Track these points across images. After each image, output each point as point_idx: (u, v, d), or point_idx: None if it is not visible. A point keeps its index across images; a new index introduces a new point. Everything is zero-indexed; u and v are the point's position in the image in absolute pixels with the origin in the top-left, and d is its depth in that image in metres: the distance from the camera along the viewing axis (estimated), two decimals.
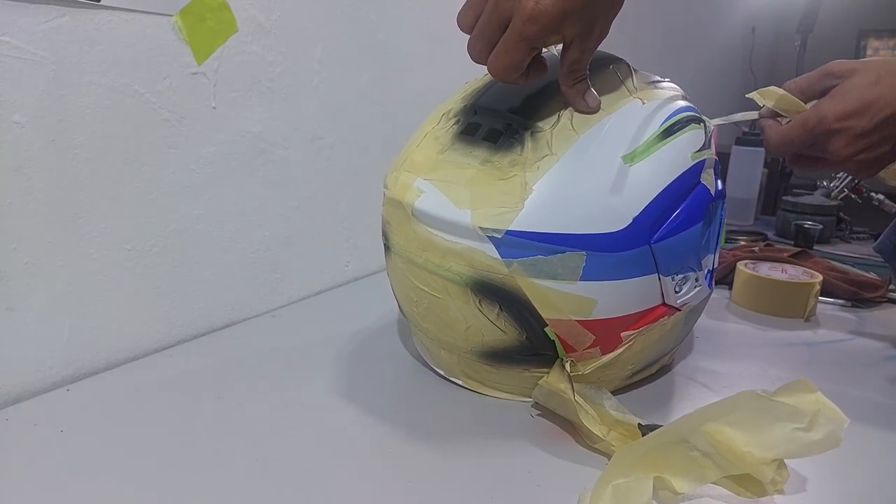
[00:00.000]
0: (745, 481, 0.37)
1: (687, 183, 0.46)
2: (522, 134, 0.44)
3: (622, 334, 0.46)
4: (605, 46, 0.47)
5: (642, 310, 0.46)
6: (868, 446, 0.45)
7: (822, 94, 0.53)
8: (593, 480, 0.37)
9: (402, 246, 0.48)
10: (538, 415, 0.48)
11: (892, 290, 0.81)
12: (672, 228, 0.45)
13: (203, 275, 0.64)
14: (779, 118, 0.55)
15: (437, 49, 0.94)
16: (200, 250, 0.63)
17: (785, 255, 0.86)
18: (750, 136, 1.40)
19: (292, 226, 0.74)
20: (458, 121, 0.48)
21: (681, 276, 0.47)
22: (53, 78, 0.48)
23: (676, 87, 0.52)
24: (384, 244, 0.52)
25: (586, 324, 0.45)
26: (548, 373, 0.48)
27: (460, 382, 0.52)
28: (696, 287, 0.49)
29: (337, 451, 0.43)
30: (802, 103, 0.53)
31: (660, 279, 0.46)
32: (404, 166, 0.48)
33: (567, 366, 0.46)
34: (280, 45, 0.67)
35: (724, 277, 0.83)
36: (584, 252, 0.42)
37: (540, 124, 0.44)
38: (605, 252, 0.43)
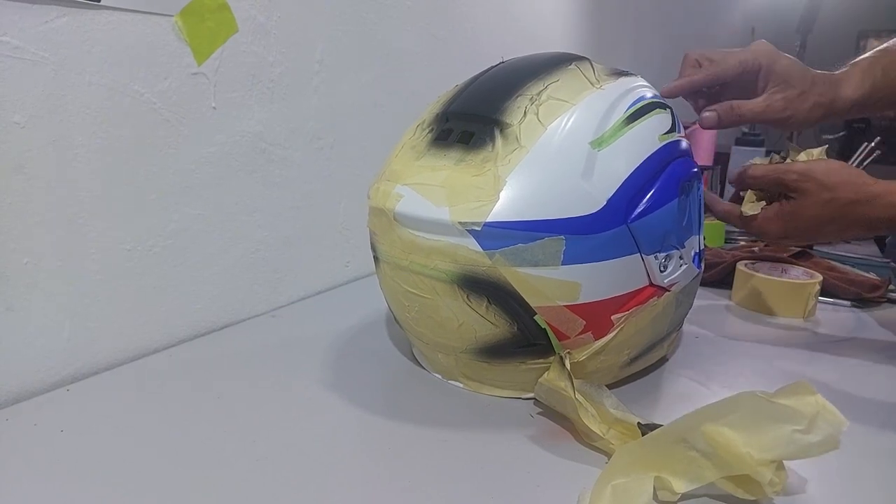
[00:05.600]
0: (744, 482, 0.37)
1: (658, 163, 0.47)
2: (493, 132, 0.46)
3: (613, 317, 0.47)
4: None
5: (630, 291, 0.47)
6: (868, 447, 0.45)
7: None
8: (593, 480, 0.37)
9: (389, 252, 0.49)
10: (538, 413, 0.48)
11: (892, 290, 0.81)
12: (647, 207, 0.46)
13: (203, 275, 0.64)
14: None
15: (437, 49, 0.94)
16: (200, 250, 0.63)
17: (785, 255, 0.86)
18: (750, 136, 1.40)
19: (292, 226, 0.74)
20: (432, 129, 0.49)
21: (664, 254, 0.48)
22: (53, 78, 0.48)
23: (639, 77, 0.53)
24: (373, 256, 0.53)
25: (575, 308, 0.45)
26: (544, 363, 0.48)
27: (460, 385, 0.53)
28: (682, 266, 0.50)
29: (337, 451, 0.43)
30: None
31: (643, 258, 0.46)
32: (384, 177, 0.50)
33: (567, 363, 0.46)
34: (280, 45, 0.67)
35: (724, 277, 0.83)
36: (562, 236, 0.43)
37: (508, 121, 0.46)
38: (583, 235, 0.44)
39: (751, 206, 0.59)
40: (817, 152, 0.60)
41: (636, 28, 1.87)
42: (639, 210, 0.45)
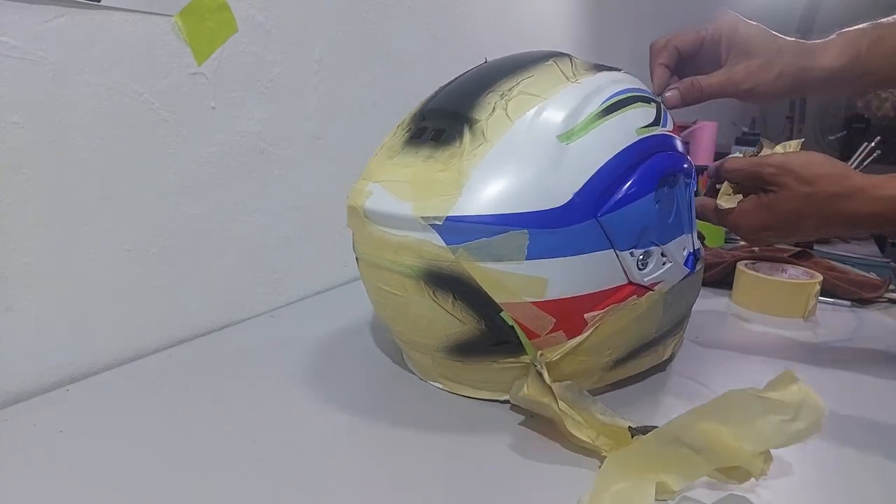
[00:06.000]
0: (731, 469, 0.38)
1: (633, 157, 0.46)
2: (462, 128, 0.45)
3: (586, 316, 0.46)
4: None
5: (606, 289, 0.46)
6: (868, 448, 0.45)
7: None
8: (590, 481, 0.37)
9: (363, 250, 0.49)
10: (524, 421, 0.47)
11: (892, 290, 0.81)
12: (619, 201, 0.44)
13: (203, 275, 0.64)
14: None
15: (437, 49, 0.94)
16: (200, 250, 0.63)
17: (785, 255, 0.86)
18: (750, 135, 1.40)
19: (292, 226, 0.74)
20: (410, 128, 0.49)
21: (641, 251, 0.46)
22: (53, 78, 0.48)
23: (624, 72, 0.52)
24: (355, 256, 0.53)
25: (543, 305, 0.44)
26: (516, 363, 0.47)
27: (440, 386, 0.52)
28: (665, 264, 0.48)
29: (336, 452, 0.43)
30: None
31: (617, 255, 0.45)
32: (361, 176, 0.50)
33: (546, 377, 0.44)
34: (280, 45, 0.67)
35: (724, 277, 0.83)
36: (525, 230, 0.42)
37: (477, 117, 0.45)
38: (548, 228, 0.43)
39: (727, 200, 0.56)
40: (793, 144, 0.57)
41: (636, 28, 1.87)
42: (609, 204, 0.44)
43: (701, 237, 0.68)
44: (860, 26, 0.55)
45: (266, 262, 0.71)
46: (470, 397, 0.51)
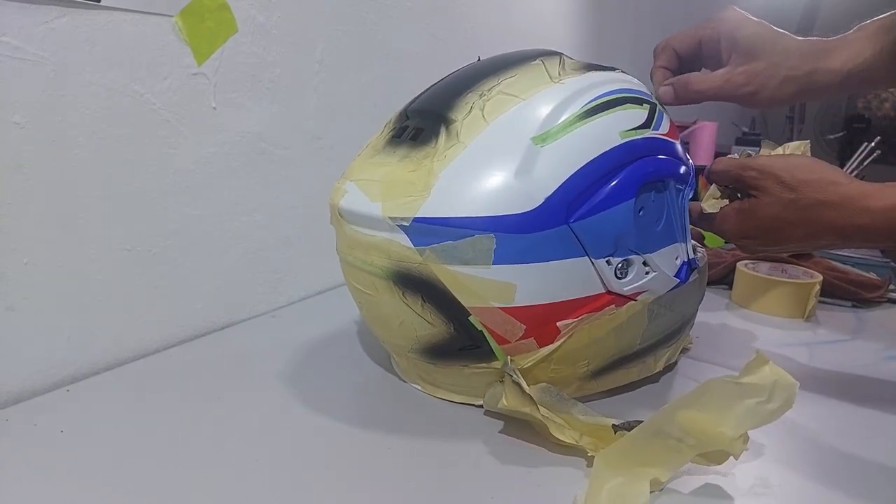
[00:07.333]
0: (710, 452, 0.38)
1: (613, 161, 0.44)
2: (439, 129, 0.45)
3: (559, 324, 0.44)
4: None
5: (581, 297, 0.44)
6: (869, 448, 0.45)
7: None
8: (579, 481, 0.38)
9: (341, 249, 0.49)
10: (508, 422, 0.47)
11: (892, 290, 0.81)
12: (593, 207, 0.43)
13: (203, 275, 0.64)
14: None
15: (437, 49, 0.94)
16: (200, 250, 0.63)
17: (785, 254, 0.86)
18: (750, 135, 1.40)
19: (292, 226, 0.74)
20: (394, 127, 0.49)
21: (620, 259, 0.44)
22: (53, 78, 0.48)
23: (619, 72, 0.51)
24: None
25: (511, 311, 0.43)
26: (487, 368, 0.46)
27: (419, 388, 0.52)
28: (648, 274, 0.46)
29: (338, 453, 0.43)
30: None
31: (592, 262, 0.44)
32: (342, 174, 0.50)
33: (524, 385, 0.43)
34: (280, 45, 0.67)
35: (724, 277, 0.83)
36: (492, 234, 0.41)
37: (453, 117, 0.45)
38: (516, 233, 0.41)
39: (712, 204, 0.54)
40: (794, 146, 0.55)
41: (636, 28, 1.87)
42: (582, 210, 0.42)
43: (700, 238, 0.67)
44: (887, 15, 0.50)
45: (266, 262, 0.71)
46: (444, 399, 0.50)
